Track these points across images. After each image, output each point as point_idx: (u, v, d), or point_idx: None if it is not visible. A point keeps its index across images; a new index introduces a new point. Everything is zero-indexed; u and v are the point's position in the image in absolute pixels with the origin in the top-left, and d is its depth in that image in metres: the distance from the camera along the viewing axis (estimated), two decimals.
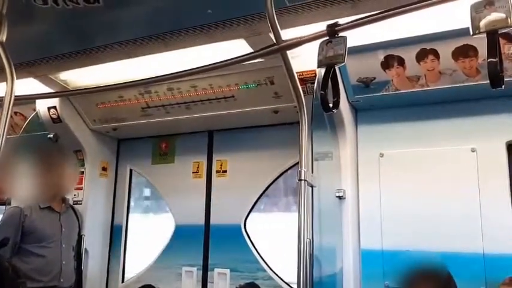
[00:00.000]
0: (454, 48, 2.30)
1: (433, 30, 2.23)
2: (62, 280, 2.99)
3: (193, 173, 3.69)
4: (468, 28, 1.36)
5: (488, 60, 1.32)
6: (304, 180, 1.95)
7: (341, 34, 1.64)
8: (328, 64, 1.65)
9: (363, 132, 2.86)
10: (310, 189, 2.56)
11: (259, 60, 2.58)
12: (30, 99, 3.32)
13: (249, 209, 3.42)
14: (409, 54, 2.41)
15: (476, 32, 1.34)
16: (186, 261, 3.53)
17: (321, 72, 2.28)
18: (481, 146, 2.55)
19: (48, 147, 3.52)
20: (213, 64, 1.99)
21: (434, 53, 2.35)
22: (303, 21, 2.08)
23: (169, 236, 3.69)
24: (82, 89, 3.13)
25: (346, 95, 2.70)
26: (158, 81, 2.40)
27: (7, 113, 1.77)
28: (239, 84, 2.96)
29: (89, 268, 3.59)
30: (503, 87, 1.35)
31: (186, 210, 3.65)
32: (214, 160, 3.63)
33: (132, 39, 2.42)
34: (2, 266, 2.22)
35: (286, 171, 3.33)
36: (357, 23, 1.62)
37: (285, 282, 3.19)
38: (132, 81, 2.37)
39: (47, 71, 2.94)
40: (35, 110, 3.54)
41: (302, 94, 2.03)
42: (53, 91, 3.19)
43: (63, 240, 3.06)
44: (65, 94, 3.35)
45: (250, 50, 2.29)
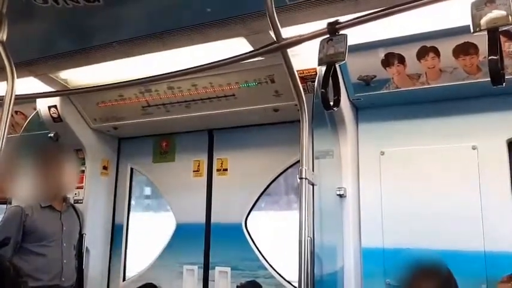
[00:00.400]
0: (455, 45, 2.29)
1: (434, 28, 2.23)
2: (63, 279, 2.99)
3: (194, 171, 3.69)
4: (469, 26, 1.36)
5: (489, 57, 1.32)
6: (305, 179, 1.95)
7: (342, 32, 1.64)
8: (329, 62, 1.65)
9: (363, 130, 2.86)
10: (311, 187, 2.56)
11: (260, 58, 2.58)
12: (31, 98, 3.32)
13: (250, 207, 3.42)
14: (410, 52, 2.41)
15: (477, 29, 1.33)
16: (187, 260, 3.54)
17: (321, 70, 2.28)
18: (481, 143, 2.54)
19: (48, 147, 3.52)
20: (213, 63, 1.99)
21: (435, 50, 2.35)
22: (303, 19, 2.07)
23: (170, 234, 3.69)
24: (82, 88, 3.13)
25: (347, 93, 2.70)
26: (158, 80, 2.40)
27: (8, 112, 1.77)
28: (239, 83, 2.96)
29: (90, 267, 3.59)
30: (504, 84, 1.35)
31: (186, 208, 3.65)
32: (214, 159, 3.63)
33: (132, 38, 2.42)
34: (3, 265, 2.23)
35: (287, 169, 3.32)
36: (357, 20, 1.61)
37: (286, 280, 3.20)
38: (132, 80, 2.37)
39: (47, 70, 2.94)
40: (35, 109, 3.54)
41: (303, 92, 2.02)
42: (54, 90, 3.19)
43: (64, 239, 3.06)
44: (66, 93, 3.35)
45: (250, 48, 2.29)
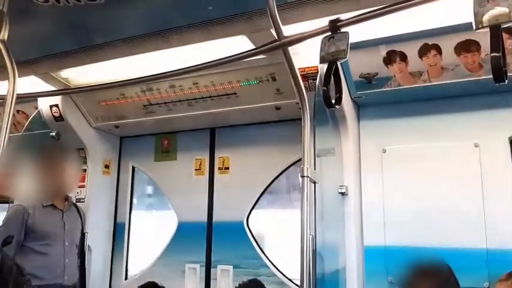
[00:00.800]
0: (457, 43, 2.29)
1: (435, 25, 2.22)
2: (65, 278, 2.99)
3: (196, 170, 3.69)
4: (470, 23, 1.35)
5: (492, 54, 1.31)
6: (307, 177, 1.94)
7: (343, 30, 1.63)
8: (331, 60, 1.64)
9: (365, 128, 2.86)
10: (313, 185, 2.55)
11: (261, 56, 2.57)
12: (32, 98, 3.32)
13: (252, 205, 3.42)
14: (412, 50, 2.40)
15: (480, 26, 1.32)
16: (189, 258, 3.54)
17: (323, 68, 2.29)
18: (484, 141, 2.54)
19: (50, 146, 3.53)
20: (214, 61, 1.98)
21: (437, 48, 2.34)
22: (304, 17, 2.07)
23: (172, 233, 3.70)
24: (84, 87, 3.13)
25: (349, 91, 2.69)
26: (160, 78, 2.39)
27: (9, 111, 1.77)
28: (241, 81, 2.96)
29: (92, 266, 3.60)
30: (506, 82, 1.34)
31: (188, 207, 3.66)
32: (216, 157, 3.64)
33: (133, 37, 2.41)
34: (6, 264, 2.23)
35: (289, 167, 3.32)
36: (359, 18, 1.60)
37: (288, 278, 3.20)
38: (133, 79, 2.36)
39: (48, 68, 2.94)
40: (37, 108, 3.55)
41: (304, 90, 2.01)
42: (55, 89, 3.19)
43: (66, 238, 3.06)
44: (67, 92, 3.35)
45: (251, 46, 2.28)
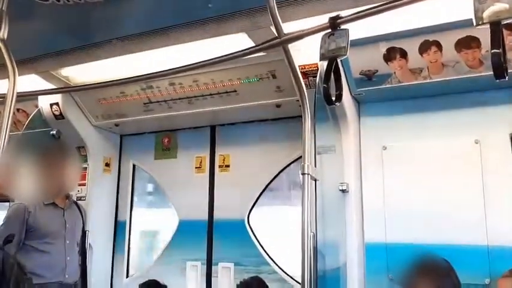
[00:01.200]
0: (457, 39, 2.28)
1: (436, 21, 2.22)
2: (66, 276, 3.00)
3: (196, 167, 3.69)
4: (471, 19, 1.35)
5: (492, 51, 1.31)
6: (308, 174, 1.94)
7: (343, 27, 1.63)
8: (331, 57, 1.63)
9: (365, 125, 2.85)
10: (314, 183, 2.55)
11: (261, 54, 2.57)
12: (33, 96, 3.32)
13: (252, 203, 3.42)
14: (412, 46, 2.40)
15: (480, 23, 1.32)
16: (190, 256, 3.55)
17: (323, 65, 2.29)
18: (484, 137, 2.54)
19: (50, 144, 3.53)
20: (214, 58, 1.98)
21: (437, 44, 2.34)
22: (304, 14, 2.06)
23: (173, 231, 3.70)
24: (84, 85, 3.13)
25: (349, 88, 2.69)
26: (160, 76, 2.39)
27: (9, 109, 1.77)
28: (241, 79, 2.96)
29: (93, 264, 3.60)
30: (507, 78, 1.34)
31: (189, 205, 3.66)
32: (217, 155, 3.64)
33: (133, 35, 2.41)
34: (8, 262, 2.24)
35: (289, 165, 3.32)
36: (359, 15, 1.60)
37: (289, 275, 3.20)
38: (133, 77, 2.35)
39: (48, 67, 2.94)
40: (37, 106, 3.55)
41: (304, 88, 2.01)
42: (55, 87, 3.19)
43: (67, 236, 3.07)
44: (67, 90, 3.35)
45: (251, 43, 2.28)
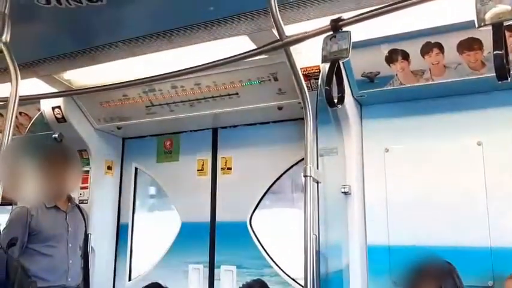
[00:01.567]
0: (459, 41, 2.28)
1: (438, 23, 2.22)
2: (69, 279, 3.00)
3: (198, 170, 3.69)
4: (473, 21, 1.35)
5: (494, 52, 1.31)
6: (310, 176, 1.94)
7: (345, 29, 1.63)
8: (333, 59, 1.64)
9: (368, 127, 2.85)
10: (316, 185, 2.56)
11: (263, 56, 2.57)
12: (35, 99, 3.33)
13: (255, 205, 3.42)
14: (414, 48, 2.40)
15: (482, 24, 1.32)
16: (193, 259, 3.54)
17: (325, 67, 2.29)
18: (487, 139, 2.53)
19: (53, 147, 3.53)
20: (216, 61, 1.99)
21: (439, 46, 2.34)
22: (306, 16, 2.07)
23: (175, 233, 3.70)
24: (86, 89, 3.14)
25: (351, 90, 2.69)
26: (162, 79, 2.39)
27: (12, 113, 1.77)
28: (243, 81, 2.96)
29: (96, 267, 3.60)
30: (509, 79, 1.34)
31: (191, 207, 3.66)
32: (219, 157, 3.63)
33: (135, 38, 2.42)
34: (12, 265, 2.24)
35: (292, 167, 3.32)
36: (360, 17, 1.60)
37: (291, 278, 3.20)
38: (135, 80, 2.37)
39: (51, 70, 2.94)
40: (39, 110, 3.55)
41: (306, 90, 2.02)
42: (57, 91, 3.19)
43: (69, 240, 3.07)
44: (69, 94, 3.36)
45: (253, 46, 2.28)
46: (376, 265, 2.68)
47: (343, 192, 2.70)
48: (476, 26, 1.34)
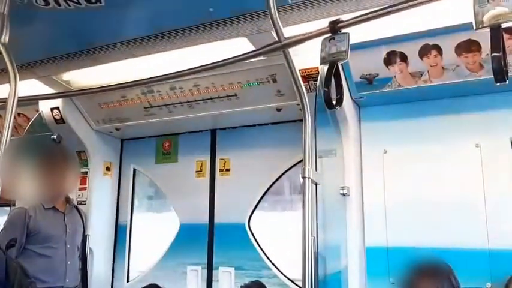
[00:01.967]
0: (457, 43, 2.28)
1: (436, 25, 2.22)
2: (67, 280, 3.00)
3: (197, 171, 3.69)
4: (471, 23, 1.35)
5: (492, 54, 1.31)
6: (308, 178, 1.94)
7: (343, 31, 1.63)
8: (331, 61, 1.64)
9: (366, 128, 2.85)
10: (314, 186, 2.56)
11: (262, 58, 2.57)
12: (33, 100, 3.33)
13: (253, 207, 3.42)
14: (412, 50, 2.40)
15: (480, 26, 1.32)
16: (191, 260, 3.54)
17: (323, 69, 2.29)
18: (485, 141, 2.54)
19: (51, 148, 3.53)
20: (215, 63, 1.99)
21: (437, 48, 2.34)
22: (305, 18, 2.07)
23: (173, 235, 3.70)
24: (84, 89, 3.14)
25: (349, 92, 2.69)
26: (160, 80, 2.39)
27: (10, 114, 1.77)
28: (242, 83, 2.96)
29: (94, 268, 3.60)
30: (507, 82, 1.34)
31: (190, 209, 3.66)
32: (217, 159, 3.63)
33: (134, 39, 2.41)
34: (11, 266, 2.23)
35: (290, 168, 3.32)
36: (359, 19, 1.60)
37: (290, 280, 3.19)
38: (134, 81, 2.37)
39: (50, 71, 2.94)
40: (37, 111, 3.55)
41: (305, 91, 2.01)
42: (56, 92, 3.19)
43: (67, 241, 3.06)
44: (68, 95, 3.35)
45: (252, 48, 2.28)
46: (374, 266, 2.68)
47: (341, 193, 2.69)
48: (474, 28, 1.34)
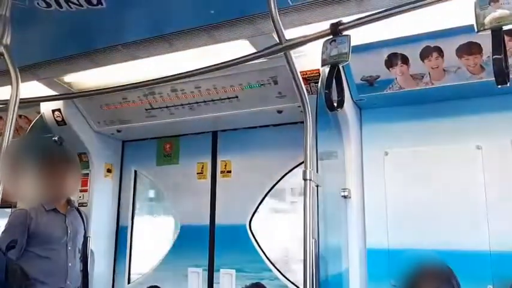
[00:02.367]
0: (458, 45, 2.28)
1: (437, 27, 2.23)
2: (68, 282, 2.99)
3: (198, 173, 3.69)
4: (472, 25, 1.35)
5: (494, 57, 1.31)
6: (309, 180, 1.94)
7: (345, 33, 1.63)
8: (332, 63, 1.64)
9: (367, 130, 2.86)
10: (315, 188, 2.56)
11: (263, 60, 2.57)
12: (35, 102, 3.33)
13: (254, 209, 3.41)
14: (413, 52, 2.40)
15: (481, 28, 1.33)
16: (192, 262, 3.54)
17: (324, 71, 2.28)
18: (486, 143, 2.54)
19: (52, 150, 3.53)
20: (216, 65, 1.99)
21: (439, 50, 2.34)
22: (306, 20, 2.07)
23: (174, 237, 3.70)
24: (86, 91, 3.14)
25: (350, 94, 2.69)
26: (162, 82, 2.40)
27: (12, 115, 1.77)
28: (243, 85, 2.96)
29: (95, 270, 3.60)
30: (509, 84, 1.34)
31: (191, 211, 3.66)
32: (218, 161, 3.63)
33: (136, 41, 2.42)
34: (11, 268, 2.24)
35: (291, 170, 3.32)
36: (360, 21, 1.61)
37: (291, 282, 3.19)
38: (135, 83, 2.37)
39: (51, 73, 2.95)
40: (39, 113, 3.55)
41: (306, 93, 2.02)
42: (57, 94, 3.19)
43: (69, 242, 3.06)
44: (69, 97, 3.36)
45: (253, 50, 2.29)
46: (375, 268, 2.68)
47: (342, 195, 2.69)
48: (476, 30, 1.34)
